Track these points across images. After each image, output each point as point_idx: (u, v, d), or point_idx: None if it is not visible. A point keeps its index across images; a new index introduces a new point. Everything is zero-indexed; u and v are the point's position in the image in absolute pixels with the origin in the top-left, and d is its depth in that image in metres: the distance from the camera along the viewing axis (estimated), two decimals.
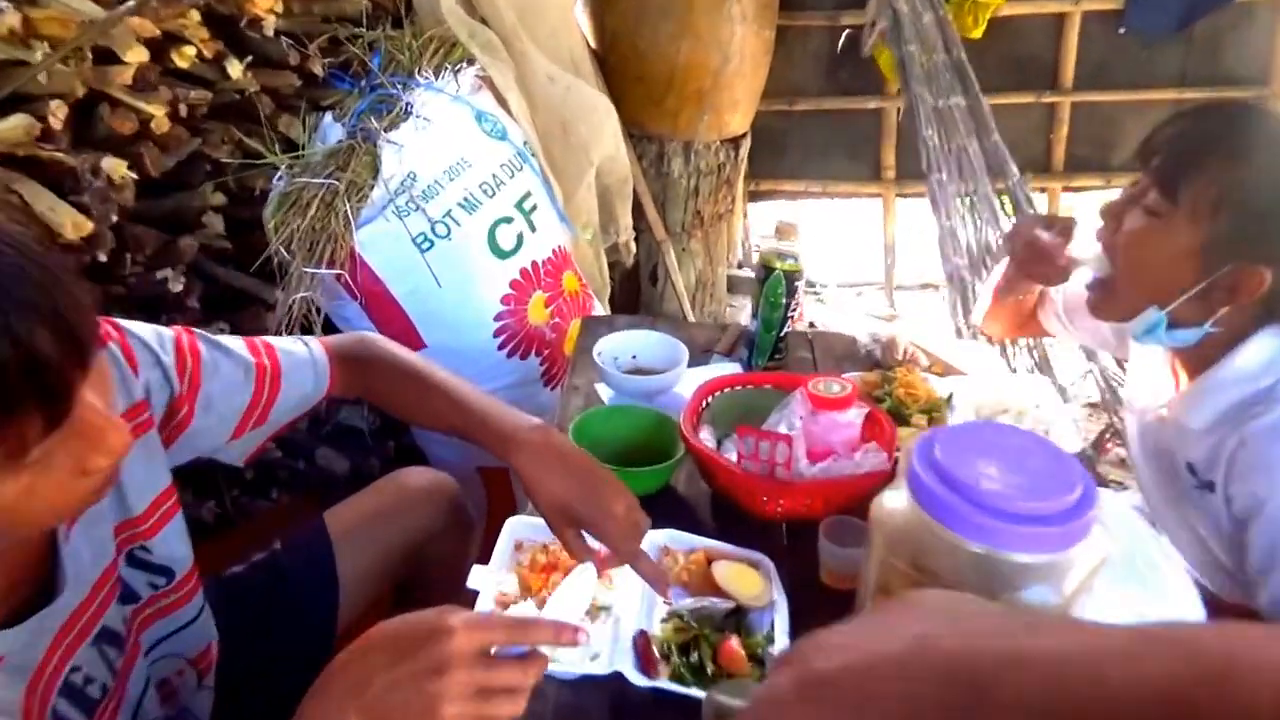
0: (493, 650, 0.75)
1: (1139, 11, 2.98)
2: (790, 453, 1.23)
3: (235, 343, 1.08)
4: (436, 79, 1.96)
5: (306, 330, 1.71)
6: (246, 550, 1.32)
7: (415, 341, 1.87)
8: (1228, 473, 1.17)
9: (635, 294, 3.29)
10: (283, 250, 1.68)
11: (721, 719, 0.93)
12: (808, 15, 3.26)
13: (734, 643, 1.04)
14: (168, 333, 1.00)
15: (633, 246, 2.76)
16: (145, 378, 0.95)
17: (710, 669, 1.02)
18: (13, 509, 0.69)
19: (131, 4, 1.51)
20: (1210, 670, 0.43)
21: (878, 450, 1.27)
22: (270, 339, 1.13)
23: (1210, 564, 1.27)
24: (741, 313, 3.67)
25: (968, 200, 2.33)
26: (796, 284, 1.60)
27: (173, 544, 1.00)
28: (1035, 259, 1.34)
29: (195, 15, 1.73)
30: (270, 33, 1.88)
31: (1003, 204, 2.39)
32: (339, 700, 0.73)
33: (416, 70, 1.95)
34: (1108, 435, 2.40)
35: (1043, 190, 3.32)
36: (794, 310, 1.63)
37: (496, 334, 1.91)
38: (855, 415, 1.32)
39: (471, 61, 2.04)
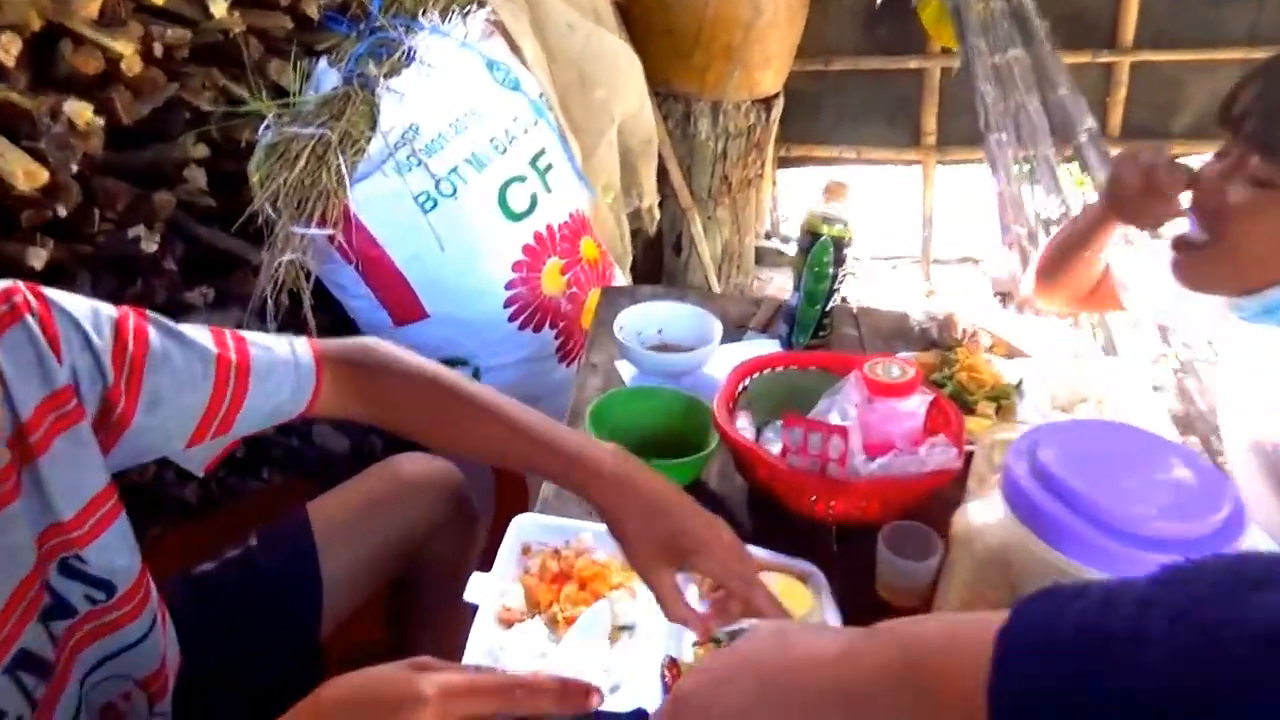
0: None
1: None
2: (845, 447, 1.05)
3: (198, 332, 0.88)
4: (443, 22, 1.77)
5: (294, 300, 1.54)
6: (219, 545, 1.15)
7: (417, 311, 1.69)
8: None
9: (657, 264, 3.10)
10: (268, 207, 1.51)
11: None
12: None
13: None
14: (109, 312, 0.82)
15: (656, 212, 2.56)
16: (72, 362, 0.77)
17: None
18: None
19: None
20: (915, 658, 0.51)
21: (946, 444, 1.08)
22: (246, 333, 0.93)
23: None
24: (769, 286, 3.47)
25: (1027, 166, 2.11)
26: (845, 252, 1.41)
27: (112, 554, 0.83)
28: (1148, 191, 1.14)
29: None
30: None
31: (1070, 170, 2.17)
32: None
33: (421, 12, 1.76)
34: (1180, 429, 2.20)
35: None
36: (840, 282, 1.44)
37: (507, 304, 1.73)
38: (918, 403, 1.14)
39: (482, 4, 1.84)
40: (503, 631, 0.90)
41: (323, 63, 1.72)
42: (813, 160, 3.56)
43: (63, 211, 1.37)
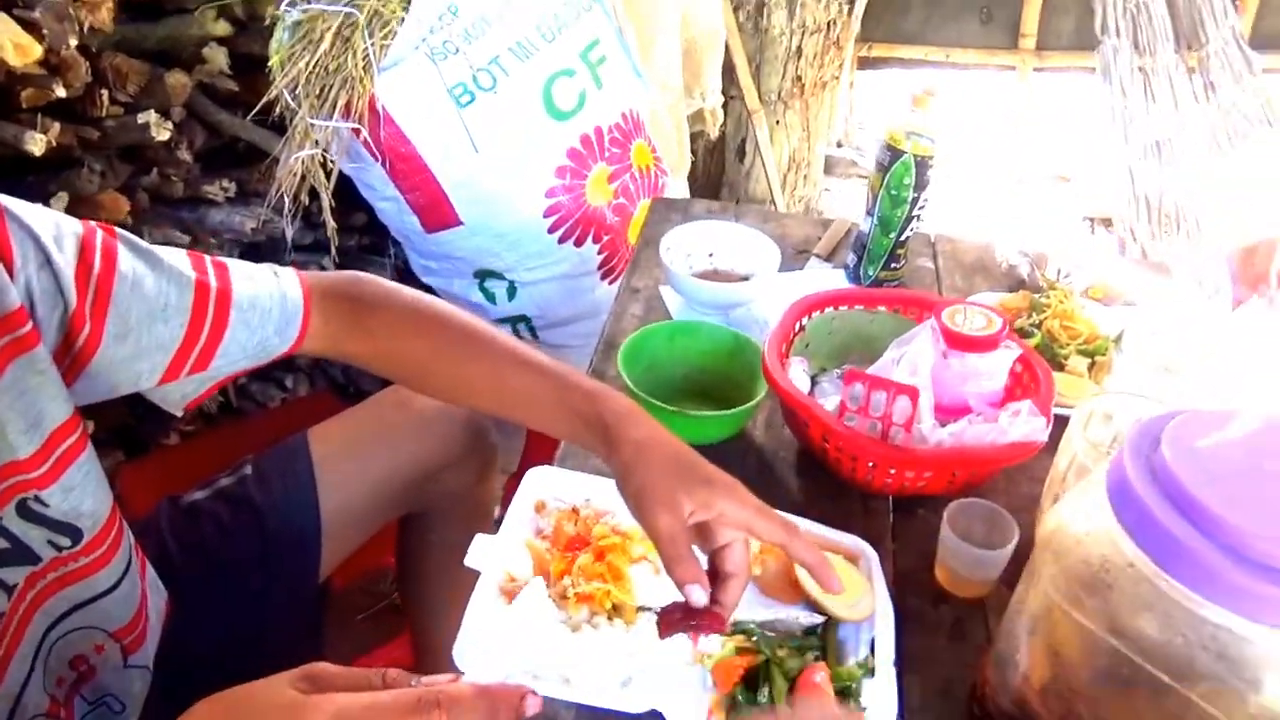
0: None
1: None
2: (914, 410, 0.90)
3: (175, 255, 0.77)
4: None
5: (313, 197, 1.41)
6: (214, 470, 1.06)
7: (450, 217, 1.56)
8: None
9: (719, 171, 2.90)
10: (286, 96, 1.36)
11: None
12: None
13: (819, 676, 0.75)
14: (74, 228, 0.71)
15: (720, 114, 2.36)
16: (26, 279, 0.66)
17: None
18: None
19: None
20: None
21: (1032, 413, 0.93)
22: (229, 260, 0.82)
23: None
24: (837, 201, 3.25)
25: (1140, 75, 1.85)
26: (929, 174, 1.23)
27: (77, 495, 0.73)
28: None
29: None
30: None
31: (1192, 83, 1.90)
32: None
33: None
34: None
35: None
36: (922, 208, 1.26)
37: (548, 213, 1.58)
38: (1002, 361, 0.98)
39: None
40: (504, 606, 0.79)
41: None
42: (896, 62, 3.28)
43: (61, 91, 1.25)
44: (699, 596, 0.68)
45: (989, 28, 3.00)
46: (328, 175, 1.41)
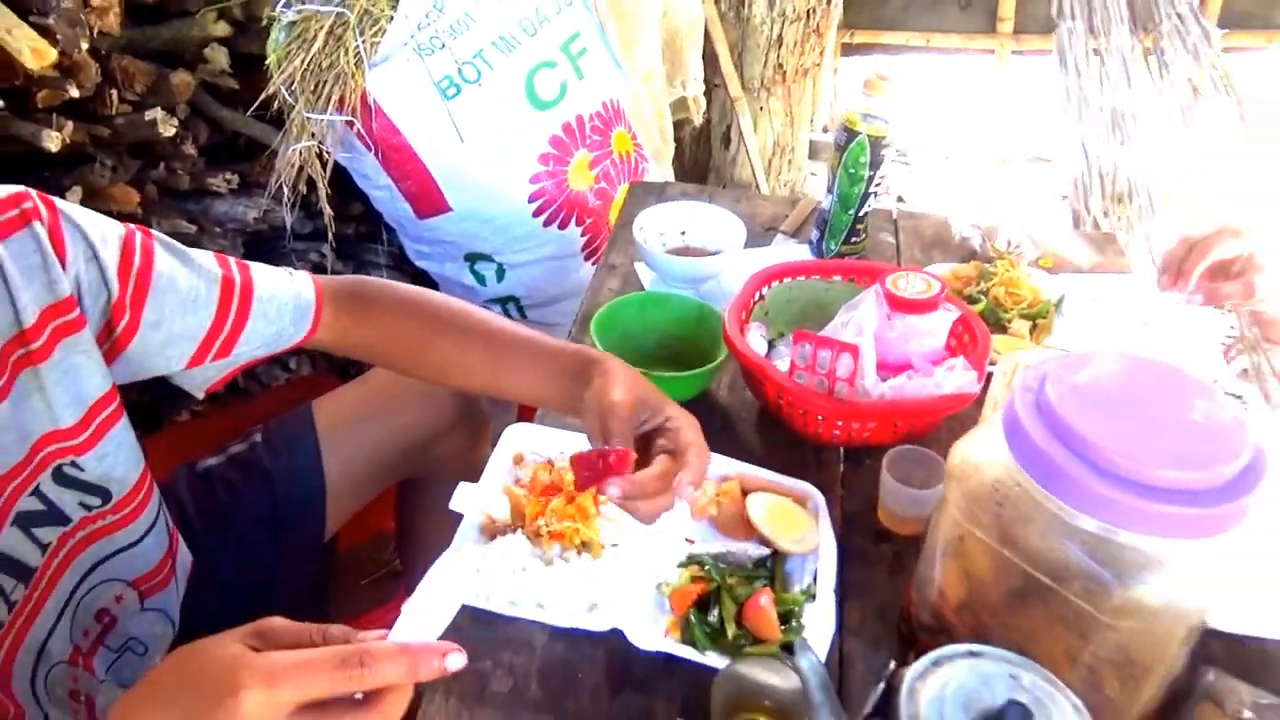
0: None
1: None
2: (855, 365, 0.99)
3: (203, 255, 0.88)
4: None
5: (311, 187, 1.51)
6: (224, 442, 1.16)
7: (440, 203, 1.65)
8: None
9: (705, 157, 2.99)
10: (283, 92, 1.46)
11: (739, 701, 0.75)
12: None
13: (764, 600, 0.85)
14: (117, 228, 0.82)
15: (702, 102, 2.45)
16: (76, 272, 0.78)
17: (732, 631, 0.83)
18: None
19: None
20: None
21: (965, 368, 1.02)
22: (249, 262, 0.93)
23: None
24: (821, 183, 3.33)
25: (1095, 57, 1.94)
26: (883, 152, 1.32)
27: (110, 460, 0.84)
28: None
29: None
30: None
31: (1148, 63, 1.98)
32: None
33: None
34: (1234, 342, 2.07)
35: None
36: (878, 185, 1.35)
37: (532, 198, 1.68)
38: (941, 321, 1.07)
39: None
40: (484, 543, 0.89)
41: None
42: (879, 48, 3.36)
43: (74, 92, 1.34)
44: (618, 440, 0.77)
45: (968, 13, 3.08)
46: (324, 166, 1.50)
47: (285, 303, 0.92)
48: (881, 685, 0.63)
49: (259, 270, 0.92)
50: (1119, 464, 0.64)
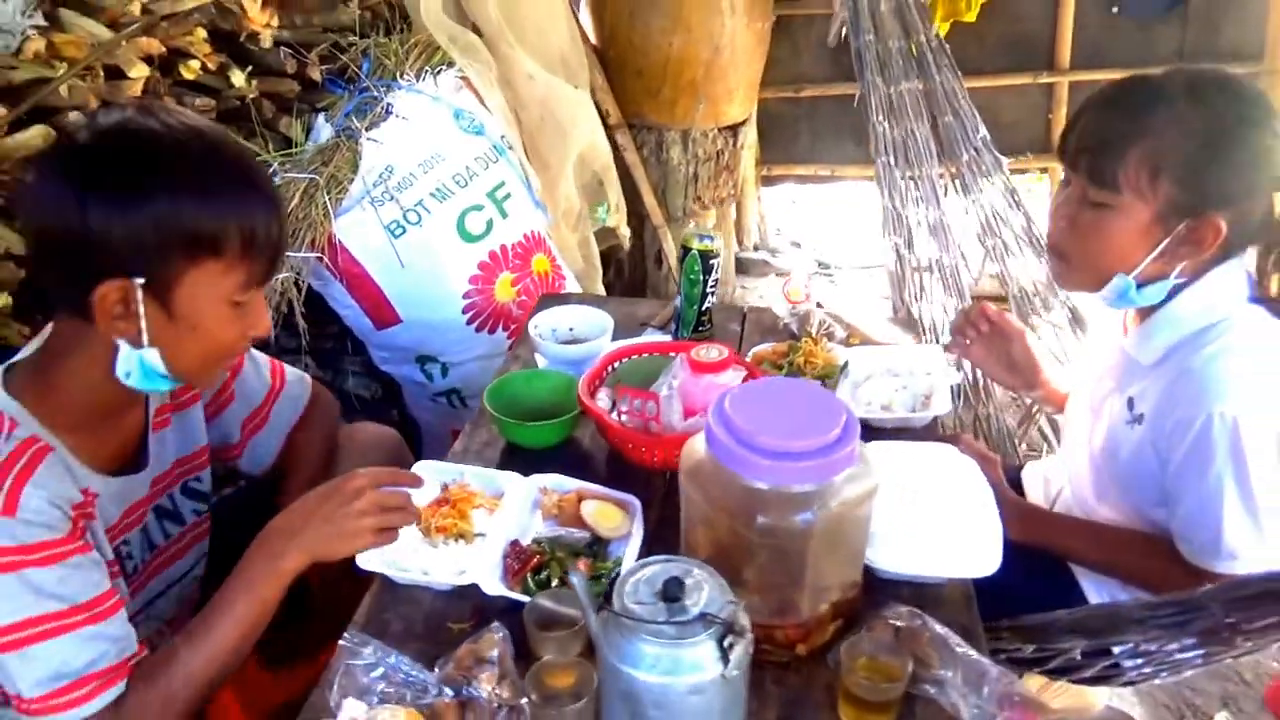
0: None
1: None
2: (657, 409, 1.41)
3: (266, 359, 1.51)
4: (418, 81, 2.18)
5: (290, 307, 1.96)
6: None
7: (393, 317, 2.10)
8: (1160, 404, 1.29)
9: (643, 276, 3.47)
10: None
11: (543, 622, 1.12)
12: (809, 4, 3.37)
13: (583, 564, 1.23)
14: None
15: (626, 231, 2.94)
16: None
17: (555, 585, 1.21)
18: (211, 333, 1.10)
19: (134, 28, 1.77)
20: None
21: None
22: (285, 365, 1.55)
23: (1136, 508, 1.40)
24: (751, 295, 3.81)
25: (912, 181, 2.45)
26: (713, 262, 1.76)
27: (207, 482, 1.36)
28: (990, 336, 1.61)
29: (201, 33, 1.99)
30: (269, 44, 2.12)
31: (955, 186, 2.49)
32: (280, 544, 1.06)
33: (400, 74, 2.18)
34: (1034, 410, 2.48)
35: (1044, 170, 3.35)
36: (711, 287, 1.79)
37: (465, 310, 2.13)
38: (732, 377, 1.48)
39: (452, 64, 2.25)
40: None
41: (320, 118, 2.15)
42: (792, 178, 3.90)
43: None
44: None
45: (861, 148, 3.62)
46: (299, 291, 1.96)
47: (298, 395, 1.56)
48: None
49: (290, 372, 1.55)
50: (761, 441, 1.04)
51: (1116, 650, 1.30)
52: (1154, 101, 1.24)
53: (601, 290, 2.82)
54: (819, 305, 1.88)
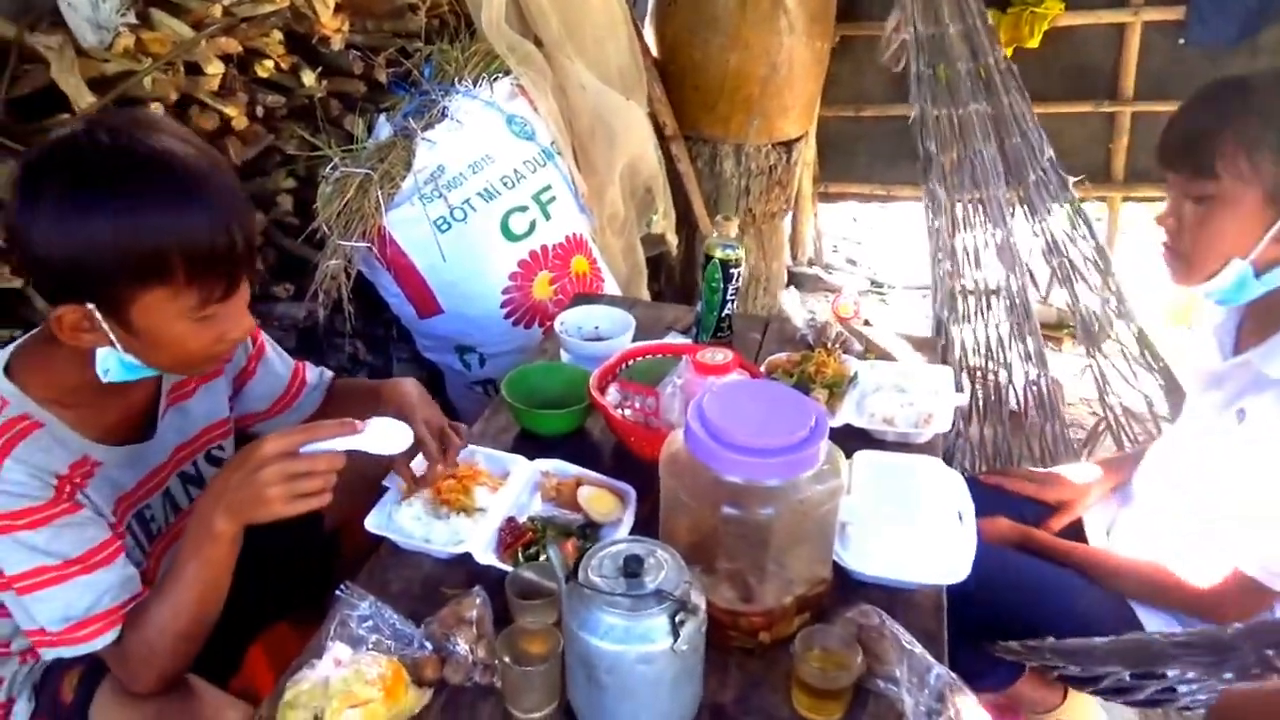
0: (301, 449, 1.11)
1: (1200, 22, 2.95)
2: (657, 404, 1.48)
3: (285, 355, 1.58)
4: (475, 87, 2.30)
5: (339, 291, 2.10)
6: None
7: (435, 307, 2.23)
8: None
9: (693, 283, 3.54)
10: (324, 226, 2.07)
11: (523, 592, 1.21)
12: (873, 25, 3.40)
13: (570, 545, 1.31)
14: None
15: (673, 238, 3.01)
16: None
17: (542, 558, 1.29)
18: (177, 345, 1.12)
19: (215, 28, 1.93)
20: None
21: None
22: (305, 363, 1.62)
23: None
24: (798, 306, 3.84)
25: (978, 205, 2.46)
26: (733, 271, 1.83)
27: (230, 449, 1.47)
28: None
29: (277, 34, 2.15)
30: (339, 47, 2.27)
31: (1021, 209, 2.53)
32: (212, 504, 1.13)
33: (458, 79, 2.30)
34: (1100, 429, 2.47)
35: (1102, 199, 3.32)
36: (732, 295, 1.86)
37: (503, 305, 2.24)
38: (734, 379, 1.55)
39: (510, 72, 2.37)
40: (401, 503, 1.39)
41: (382, 118, 2.29)
42: (852, 196, 3.93)
43: None
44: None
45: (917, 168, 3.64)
46: (349, 278, 2.10)
47: (315, 384, 1.63)
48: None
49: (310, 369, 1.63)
50: (736, 439, 1.11)
51: (1170, 674, 1.28)
52: (1242, 92, 1.29)
53: (646, 295, 2.90)
54: (867, 323, 1.93)
